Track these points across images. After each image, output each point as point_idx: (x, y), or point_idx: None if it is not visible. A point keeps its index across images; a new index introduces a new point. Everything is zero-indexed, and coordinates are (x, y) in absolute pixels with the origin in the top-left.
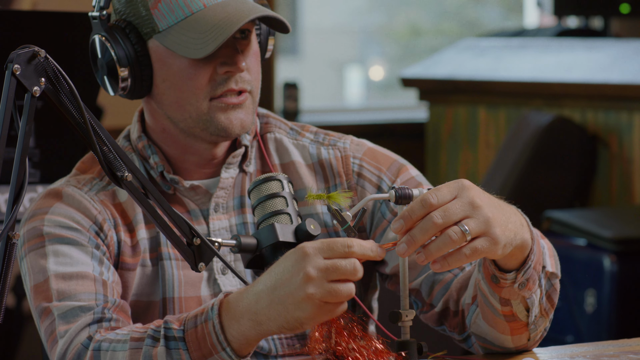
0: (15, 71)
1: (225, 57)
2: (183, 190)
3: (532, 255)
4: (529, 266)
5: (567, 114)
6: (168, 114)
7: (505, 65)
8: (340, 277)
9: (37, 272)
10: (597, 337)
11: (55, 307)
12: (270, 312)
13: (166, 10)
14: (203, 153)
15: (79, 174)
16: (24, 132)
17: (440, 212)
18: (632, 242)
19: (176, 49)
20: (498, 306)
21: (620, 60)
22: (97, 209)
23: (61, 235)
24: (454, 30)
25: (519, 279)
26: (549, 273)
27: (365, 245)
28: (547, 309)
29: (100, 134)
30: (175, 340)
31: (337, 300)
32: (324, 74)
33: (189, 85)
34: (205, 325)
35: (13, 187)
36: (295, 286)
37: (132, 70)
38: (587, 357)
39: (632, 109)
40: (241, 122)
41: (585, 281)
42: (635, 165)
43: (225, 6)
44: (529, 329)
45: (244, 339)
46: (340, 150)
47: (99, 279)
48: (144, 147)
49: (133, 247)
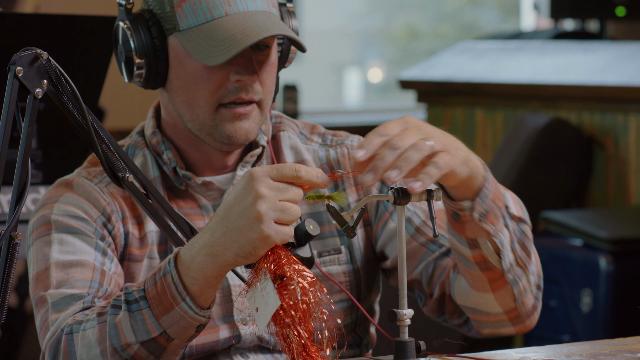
0: (17, 73)
1: (239, 66)
2: (195, 186)
3: (486, 184)
4: (485, 194)
5: (563, 115)
6: (178, 111)
7: (502, 68)
8: (289, 198)
9: (40, 259)
10: (593, 337)
11: (50, 296)
12: (226, 240)
13: (189, 11)
14: (215, 152)
15: (90, 166)
16: (26, 133)
17: (397, 138)
18: (628, 243)
19: (192, 51)
20: (468, 252)
21: (616, 62)
22: (106, 200)
23: (68, 225)
24: (452, 33)
25: (476, 207)
26: (517, 217)
27: (312, 172)
28: (522, 258)
29: (102, 135)
30: (137, 302)
31: (287, 218)
32: (323, 76)
33: (200, 87)
34: (164, 279)
35: (15, 188)
36: (247, 206)
37: (148, 62)
38: (584, 356)
39: (628, 111)
40: (246, 132)
41: (581, 281)
42: (630, 166)
43: (247, 18)
44: (507, 280)
45: (203, 278)
46: (348, 148)
47: (98, 267)
48: (157, 142)
49: (141, 239)
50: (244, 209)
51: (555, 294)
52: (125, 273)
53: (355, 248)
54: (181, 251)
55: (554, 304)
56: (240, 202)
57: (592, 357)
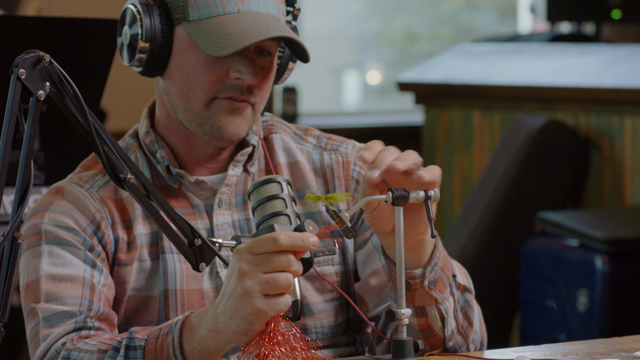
0: (20, 75)
1: (241, 64)
2: (188, 185)
3: (437, 252)
4: (436, 262)
5: (559, 117)
6: (172, 102)
7: (499, 70)
8: (275, 269)
9: (31, 270)
10: (589, 336)
11: (41, 310)
12: (225, 318)
13: (202, 3)
14: (207, 149)
15: (82, 171)
16: (29, 135)
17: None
18: (624, 243)
19: (198, 42)
20: (414, 320)
21: (612, 64)
22: (95, 206)
23: (57, 236)
24: (449, 36)
25: (427, 275)
26: (462, 286)
27: (295, 236)
28: (464, 327)
29: (104, 137)
30: (135, 350)
31: (275, 290)
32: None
33: (199, 78)
34: (166, 338)
35: (18, 188)
36: (233, 284)
37: (152, 47)
38: (580, 355)
39: (624, 113)
40: (237, 127)
41: (577, 281)
42: (626, 167)
43: (258, 18)
44: (448, 347)
45: (205, 351)
46: (342, 156)
47: (88, 281)
48: (151, 141)
49: (129, 243)
50: (233, 287)
51: (552, 294)
52: (115, 278)
53: (347, 250)
54: (192, 315)
55: (550, 303)
56: (229, 281)
57: (588, 356)
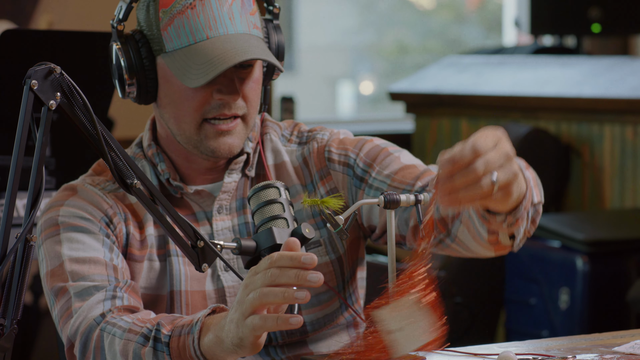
0: (32, 86)
1: (221, 85)
2: (189, 194)
3: (524, 201)
4: (520, 210)
5: (542, 125)
6: (168, 125)
7: (485, 81)
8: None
9: (53, 257)
10: (570, 332)
11: (72, 287)
12: (230, 327)
13: (174, 34)
14: (204, 162)
15: (94, 175)
16: (40, 142)
17: (483, 161)
18: (603, 244)
19: (175, 73)
20: (485, 235)
21: (592, 76)
22: (108, 203)
23: (74, 224)
24: (438, 48)
25: (508, 220)
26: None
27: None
28: (529, 230)
29: (112, 144)
30: (162, 344)
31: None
32: (318, 88)
33: (185, 105)
34: (187, 337)
35: (31, 193)
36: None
37: (138, 80)
38: (562, 350)
39: (603, 121)
40: (229, 146)
41: (559, 280)
42: (605, 173)
43: (226, 42)
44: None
45: (212, 354)
46: (318, 142)
47: (110, 264)
48: (153, 154)
49: (141, 241)
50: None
51: (535, 293)
52: None
53: (335, 237)
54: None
55: (534, 301)
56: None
57: (570, 351)
